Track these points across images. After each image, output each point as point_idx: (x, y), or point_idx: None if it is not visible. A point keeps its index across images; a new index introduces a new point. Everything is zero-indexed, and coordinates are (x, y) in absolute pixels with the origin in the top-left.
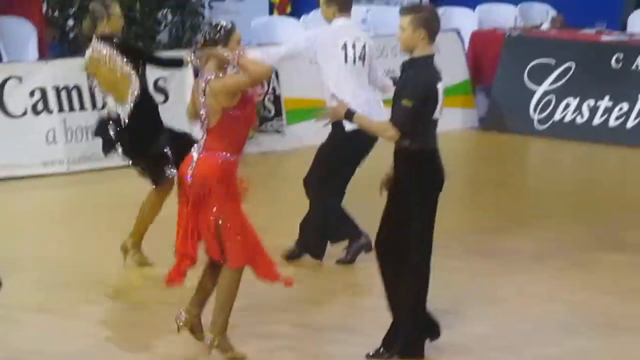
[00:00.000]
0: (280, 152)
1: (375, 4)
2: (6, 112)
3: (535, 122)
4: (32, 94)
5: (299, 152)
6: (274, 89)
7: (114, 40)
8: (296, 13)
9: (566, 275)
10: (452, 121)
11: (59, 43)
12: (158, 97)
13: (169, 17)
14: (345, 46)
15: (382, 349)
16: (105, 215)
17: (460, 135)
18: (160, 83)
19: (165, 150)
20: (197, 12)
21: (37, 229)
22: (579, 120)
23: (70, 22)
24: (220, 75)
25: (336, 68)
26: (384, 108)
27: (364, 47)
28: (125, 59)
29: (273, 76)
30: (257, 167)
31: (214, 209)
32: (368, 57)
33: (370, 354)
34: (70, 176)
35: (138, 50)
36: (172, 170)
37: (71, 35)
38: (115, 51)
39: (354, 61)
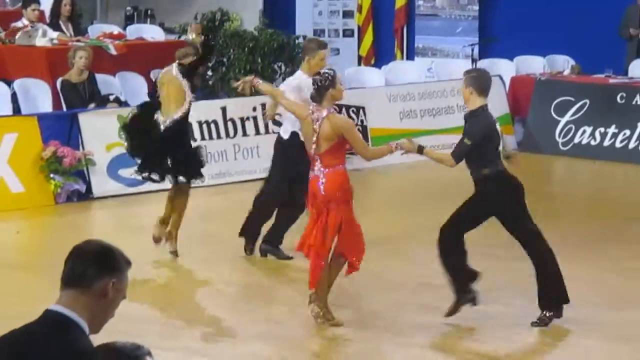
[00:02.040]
0: (367, 169)
1: (438, 57)
2: None
3: (560, 145)
4: None
5: (382, 169)
6: (361, 121)
7: (186, 70)
8: (378, 64)
9: (583, 258)
10: None
11: (201, 89)
12: (275, 128)
13: (283, 68)
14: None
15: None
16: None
17: (502, 156)
18: (277, 117)
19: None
20: None
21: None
22: (592, 143)
23: (210, 73)
24: (332, 110)
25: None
26: None
27: None
28: (188, 87)
29: (361, 112)
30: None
31: (337, 212)
32: None
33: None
34: (210, 188)
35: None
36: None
37: (210, 82)
38: (184, 78)
39: None
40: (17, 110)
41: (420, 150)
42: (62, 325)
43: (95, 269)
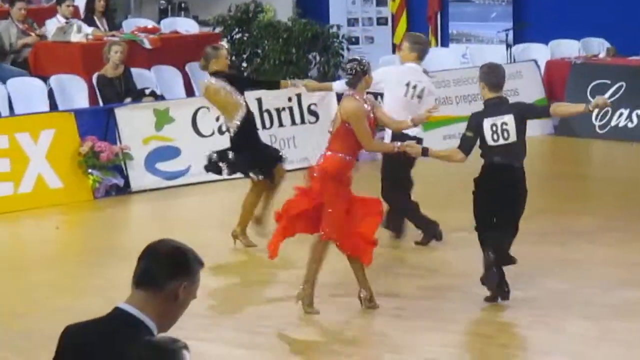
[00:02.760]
0: None
1: (473, 43)
2: (199, 133)
3: (597, 128)
4: (217, 119)
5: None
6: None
7: (224, 74)
8: None
9: (621, 241)
10: (533, 129)
11: None
12: (310, 118)
13: (317, 57)
14: (408, 84)
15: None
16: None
17: (539, 139)
18: (312, 107)
19: (257, 159)
20: (339, 53)
21: (222, 221)
22: (629, 125)
23: (244, 64)
24: (357, 96)
25: (395, 99)
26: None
27: (423, 89)
28: (234, 89)
29: None
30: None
31: (325, 196)
32: (425, 97)
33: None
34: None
35: (240, 78)
36: (258, 175)
37: (245, 74)
38: (226, 83)
39: (412, 97)
40: (53, 107)
41: (425, 152)
42: (131, 325)
43: (168, 272)
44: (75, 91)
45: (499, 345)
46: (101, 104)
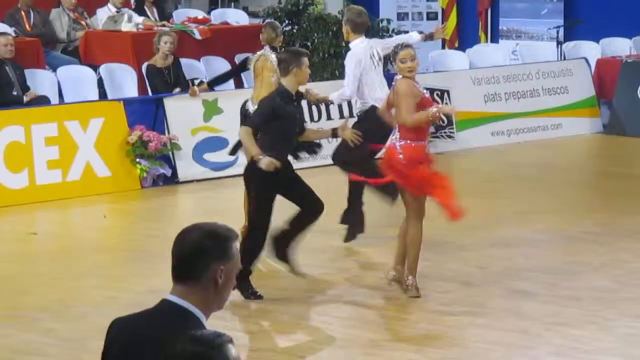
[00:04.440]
0: (451, 152)
1: (523, 39)
2: None
3: None
4: None
5: (466, 153)
6: (446, 104)
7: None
8: (462, 47)
9: None
10: (582, 128)
11: None
12: None
13: None
14: (371, 56)
15: None
16: None
17: (588, 138)
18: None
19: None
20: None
21: None
22: None
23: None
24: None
25: (375, 75)
26: None
27: (378, 53)
28: None
29: (445, 95)
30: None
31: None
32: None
33: None
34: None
35: None
36: None
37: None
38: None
39: (377, 65)
40: (103, 95)
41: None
42: (179, 315)
43: (201, 263)
44: (124, 80)
45: (547, 344)
46: (150, 93)
